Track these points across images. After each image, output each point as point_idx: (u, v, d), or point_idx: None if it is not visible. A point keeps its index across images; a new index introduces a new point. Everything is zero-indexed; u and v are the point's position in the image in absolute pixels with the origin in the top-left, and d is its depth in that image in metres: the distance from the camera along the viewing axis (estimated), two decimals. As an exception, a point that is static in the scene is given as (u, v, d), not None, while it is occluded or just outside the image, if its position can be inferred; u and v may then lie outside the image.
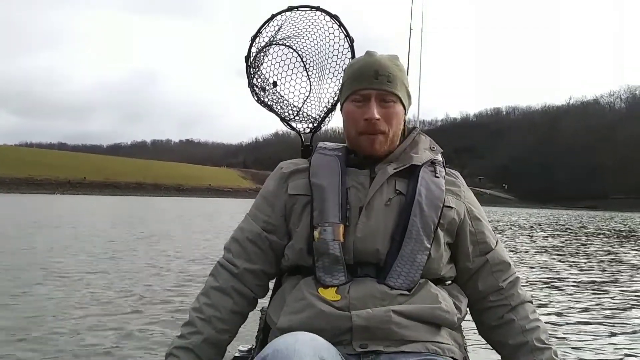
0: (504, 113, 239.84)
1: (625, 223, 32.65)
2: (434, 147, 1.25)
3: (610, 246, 13.49)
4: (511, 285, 1.19)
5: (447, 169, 1.25)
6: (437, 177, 1.19)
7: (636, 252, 11.98)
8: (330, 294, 1.06)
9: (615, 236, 18.27)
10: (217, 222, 18.64)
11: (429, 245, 1.10)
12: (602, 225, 27.63)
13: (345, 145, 1.27)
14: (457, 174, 1.28)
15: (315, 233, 1.10)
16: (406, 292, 1.06)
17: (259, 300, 1.26)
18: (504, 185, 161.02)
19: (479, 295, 1.20)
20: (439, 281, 1.15)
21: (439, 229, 1.13)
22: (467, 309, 1.20)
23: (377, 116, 1.15)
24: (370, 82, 1.17)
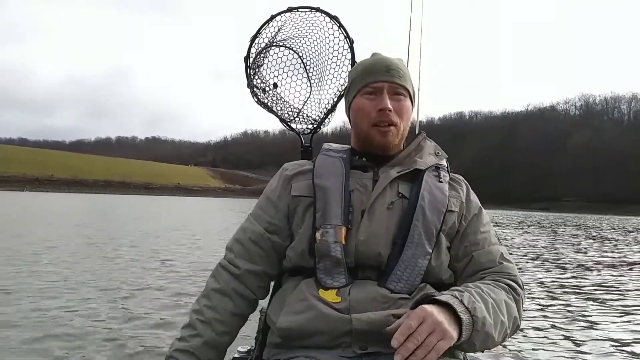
0: (467, 117, 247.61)
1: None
2: (438, 153, 1.25)
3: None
4: (503, 268, 1.13)
5: (451, 173, 1.24)
6: (441, 182, 1.18)
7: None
8: (330, 296, 1.05)
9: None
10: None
11: (430, 250, 1.09)
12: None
13: (349, 147, 1.28)
14: (461, 177, 1.27)
15: (317, 235, 1.09)
16: (407, 296, 1.05)
17: (259, 301, 1.24)
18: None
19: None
20: (439, 285, 1.12)
21: (441, 234, 1.12)
22: None
23: (390, 106, 1.16)
24: (383, 75, 1.18)
